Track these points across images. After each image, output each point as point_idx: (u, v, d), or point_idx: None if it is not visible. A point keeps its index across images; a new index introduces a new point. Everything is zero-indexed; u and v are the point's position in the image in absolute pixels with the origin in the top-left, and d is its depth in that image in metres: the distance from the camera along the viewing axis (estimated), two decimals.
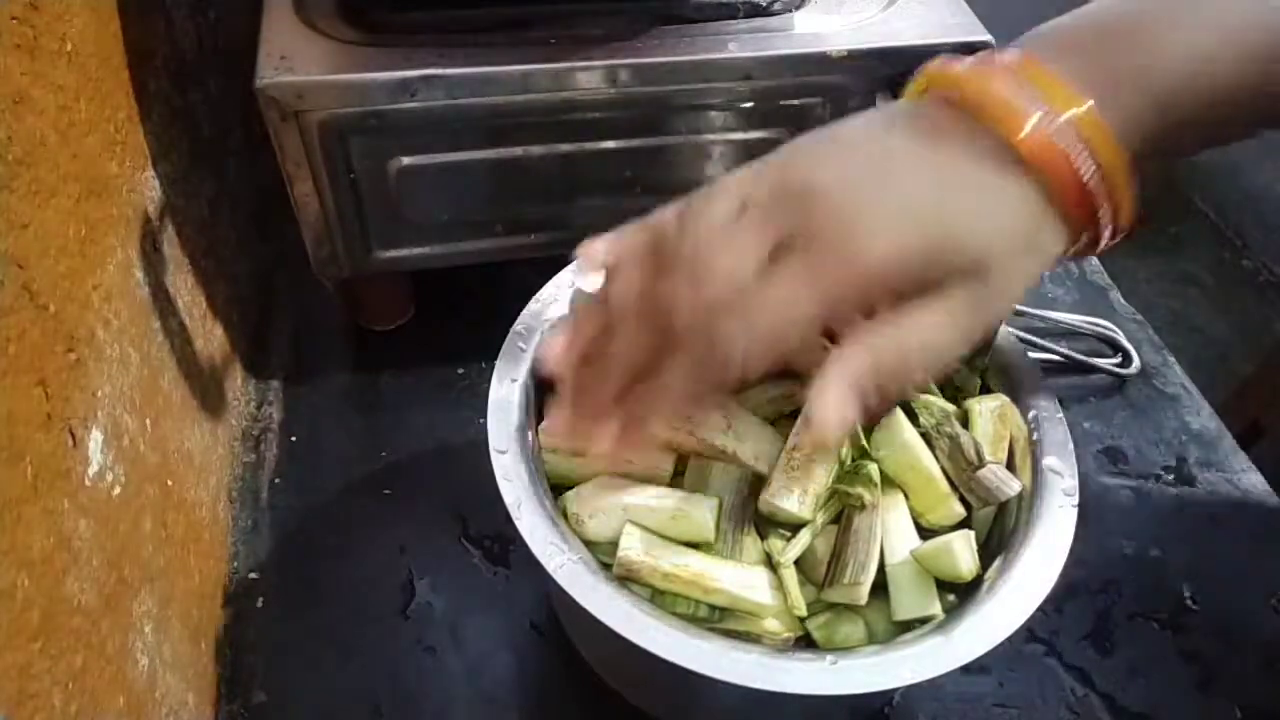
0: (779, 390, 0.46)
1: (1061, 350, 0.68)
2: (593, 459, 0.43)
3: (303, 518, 0.58)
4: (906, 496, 0.44)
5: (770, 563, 0.42)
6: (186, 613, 0.48)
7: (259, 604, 0.54)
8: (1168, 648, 0.54)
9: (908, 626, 0.40)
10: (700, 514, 0.41)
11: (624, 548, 0.40)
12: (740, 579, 0.40)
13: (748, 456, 0.43)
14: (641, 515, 0.42)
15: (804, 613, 0.41)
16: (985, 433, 0.44)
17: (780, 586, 0.41)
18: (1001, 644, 0.37)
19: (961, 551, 0.40)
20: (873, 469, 0.42)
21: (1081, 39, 0.35)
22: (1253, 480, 0.63)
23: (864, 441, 0.43)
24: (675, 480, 0.45)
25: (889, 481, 0.43)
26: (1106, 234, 0.35)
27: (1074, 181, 0.33)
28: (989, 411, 0.45)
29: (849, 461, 0.44)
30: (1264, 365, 1.15)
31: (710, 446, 0.43)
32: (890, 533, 0.42)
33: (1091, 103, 0.33)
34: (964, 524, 0.43)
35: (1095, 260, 0.78)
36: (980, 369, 0.48)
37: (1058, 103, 0.33)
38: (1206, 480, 0.63)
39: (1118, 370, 0.68)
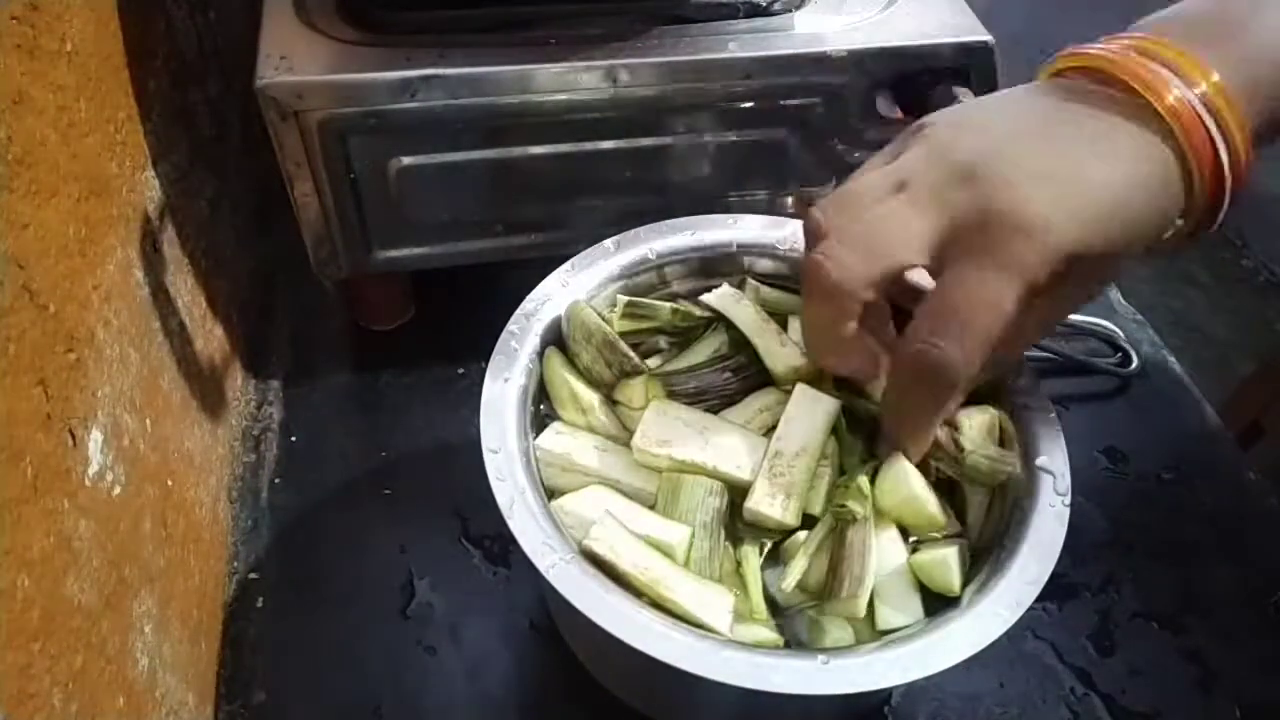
0: (764, 400, 0.46)
1: (1061, 350, 0.68)
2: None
3: (303, 518, 0.58)
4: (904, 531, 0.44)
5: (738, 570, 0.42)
6: (186, 613, 0.48)
7: (259, 604, 0.54)
8: (1168, 648, 0.54)
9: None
10: (670, 543, 0.41)
11: (591, 538, 0.40)
12: (698, 596, 0.40)
13: (729, 467, 0.43)
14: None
15: (764, 617, 0.41)
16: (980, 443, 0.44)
17: (745, 597, 0.41)
18: (1001, 644, 0.37)
19: (955, 565, 0.41)
20: (863, 481, 0.42)
21: (1201, 20, 0.38)
22: (1252, 480, 0.63)
23: (869, 490, 0.43)
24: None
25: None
26: (1225, 203, 0.37)
27: (1207, 146, 0.36)
28: (978, 425, 0.44)
29: (839, 475, 0.44)
30: (1264, 365, 1.15)
31: (688, 464, 0.43)
32: (878, 543, 0.42)
33: (1218, 76, 0.36)
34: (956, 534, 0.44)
35: None
36: None
37: (1192, 75, 0.36)
38: (1206, 480, 0.63)
39: (1118, 370, 0.68)
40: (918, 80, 0.59)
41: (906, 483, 0.42)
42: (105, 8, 0.46)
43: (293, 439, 0.62)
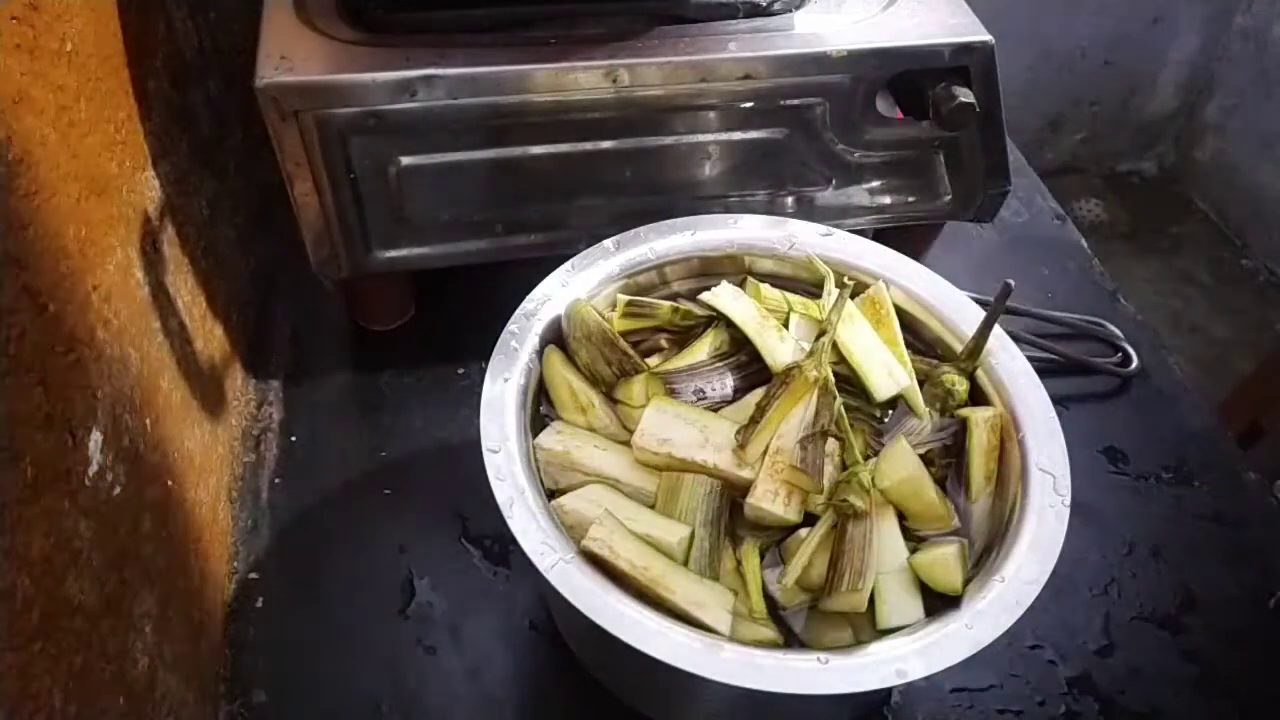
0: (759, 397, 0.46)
1: (1061, 350, 0.68)
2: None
3: (303, 518, 0.58)
4: (903, 517, 0.44)
5: (739, 568, 0.43)
6: (186, 613, 0.48)
7: (259, 604, 0.54)
8: (1168, 648, 0.54)
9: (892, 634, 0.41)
10: (669, 543, 0.41)
11: (590, 537, 0.40)
12: (697, 595, 0.40)
13: (729, 465, 0.43)
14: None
15: (764, 616, 0.41)
16: (980, 442, 0.45)
17: (745, 596, 0.41)
18: (1001, 644, 0.37)
19: (957, 565, 0.41)
20: (865, 475, 0.42)
21: None
22: (1252, 480, 0.63)
23: (870, 484, 0.43)
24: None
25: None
26: None
27: None
28: (984, 421, 0.45)
29: (841, 469, 0.44)
30: (1264, 365, 1.15)
31: (688, 463, 0.43)
32: (879, 542, 0.42)
33: None
34: (956, 530, 0.44)
35: (1096, 260, 0.78)
36: (970, 371, 0.48)
37: None
38: (1206, 480, 0.63)
39: (1118, 370, 0.68)
40: (918, 80, 0.59)
41: (905, 462, 0.43)
42: (105, 8, 0.46)
43: (293, 439, 0.62)
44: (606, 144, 0.58)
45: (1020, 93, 1.87)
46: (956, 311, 0.50)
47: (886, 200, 0.65)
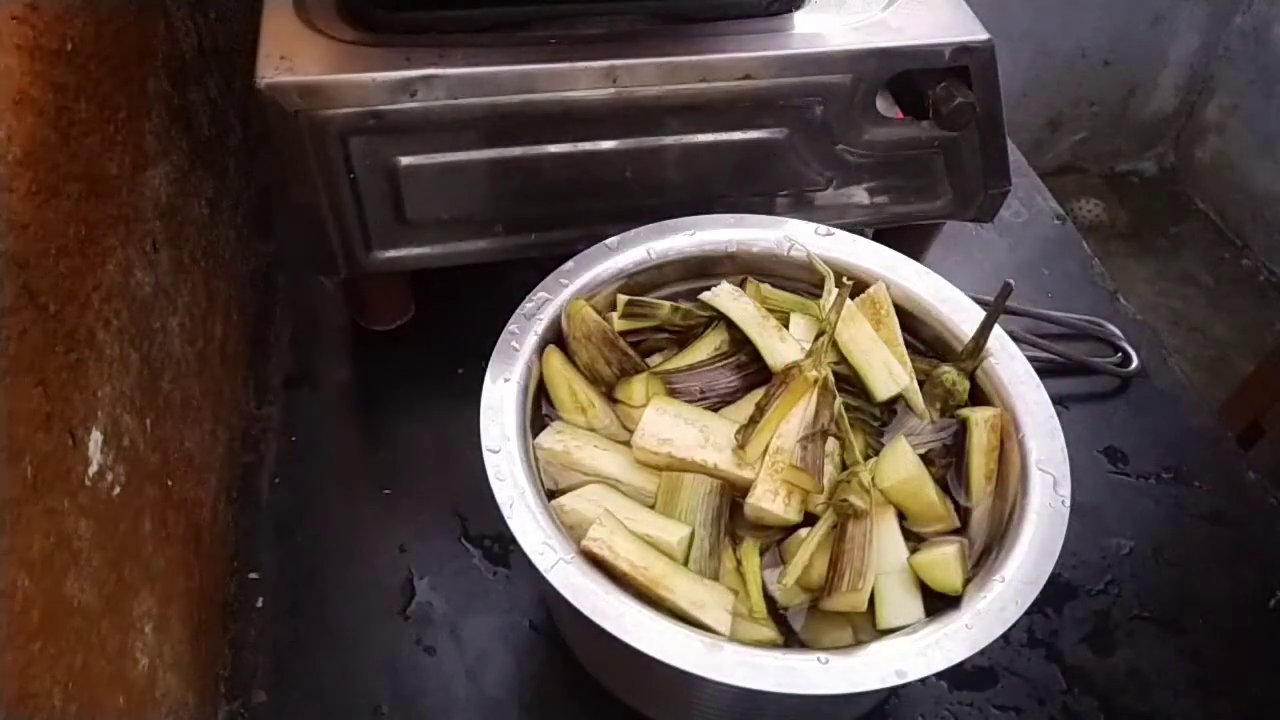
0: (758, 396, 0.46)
1: (1061, 350, 0.68)
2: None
3: (303, 518, 0.58)
4: (903, 517, 0.44)
5: (739, 568, 0.43)
6: (186, 613, 0.48)
7: (259, 604, 0.54)
8: (1168, 648, 0.54)
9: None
10: (669, 543, 0.41)
11: (590, 537, 0.40)
12: (697, 595, 0.40)
13: (729, 465, 0.43)
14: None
15: (764, 616, 0.41)
16: (980, 442, 0.45)
17: (745, 596, 0.41)
18: (1000, 644, 0.37)
19: (957, 565, 0.41)
20: (865, 475, 0.42)
21: None
22: (1252, 480, 0.63)
23: (870, 484, 0.43)
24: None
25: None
26: None
27: None
28: (984, 421, 0.45)
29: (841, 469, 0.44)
30: (1264, 365, 1.15)
31: (688, 463, 0.43)
32: (879, 542, 0.42)
33: None
34: (956, 530, 0.44)
35: (1096, 261, 0.78)
36: (970, 371, 0.48)
37: None
38: (1206, 480, 0.63)
39: (1118, 370, 0.68)
40: (918, 80, 0.59)
41: (905, 462, 0.43)
42: (105, 8, 0.46)
43: (293, 439, 0.62)
44: (606, 144, 0.58)
45: (1020, 93, 1.87)
46: (956, 311, 0.50)
47: (886, 200, 0.65)
